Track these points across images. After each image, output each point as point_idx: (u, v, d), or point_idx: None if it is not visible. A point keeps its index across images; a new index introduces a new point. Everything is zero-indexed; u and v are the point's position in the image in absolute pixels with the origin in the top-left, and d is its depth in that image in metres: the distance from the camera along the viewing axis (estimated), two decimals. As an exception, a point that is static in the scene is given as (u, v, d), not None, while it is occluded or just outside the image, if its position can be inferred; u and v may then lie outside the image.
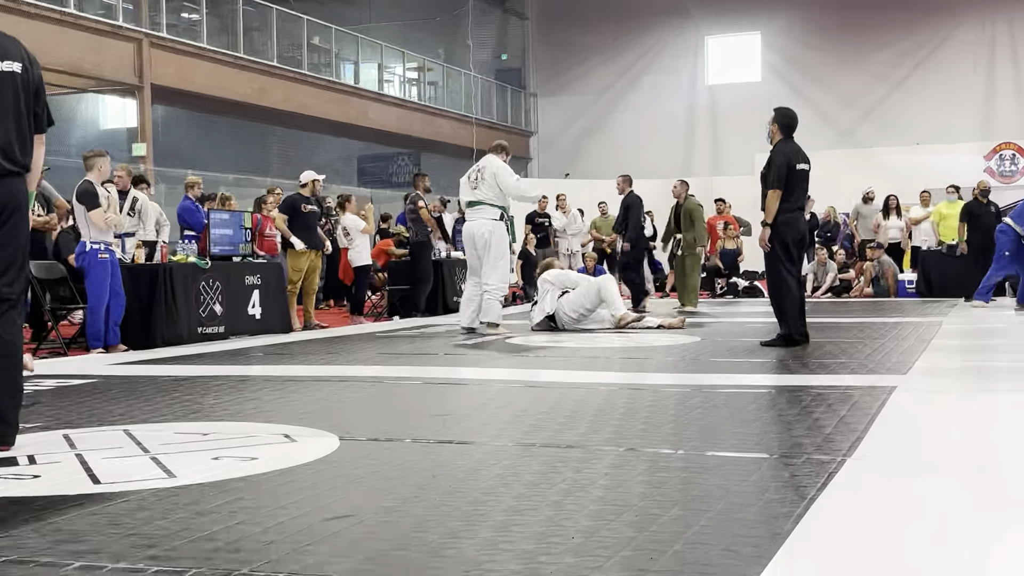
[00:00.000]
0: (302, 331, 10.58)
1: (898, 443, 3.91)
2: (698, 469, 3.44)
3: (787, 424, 4.30)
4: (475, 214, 9.70)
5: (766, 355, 7.13)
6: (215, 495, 3.21)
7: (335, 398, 5.47)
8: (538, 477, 3.36)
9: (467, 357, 7.68)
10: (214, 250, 9.82)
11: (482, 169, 9.74)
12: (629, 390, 5.50)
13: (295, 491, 3.24)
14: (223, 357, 7.89)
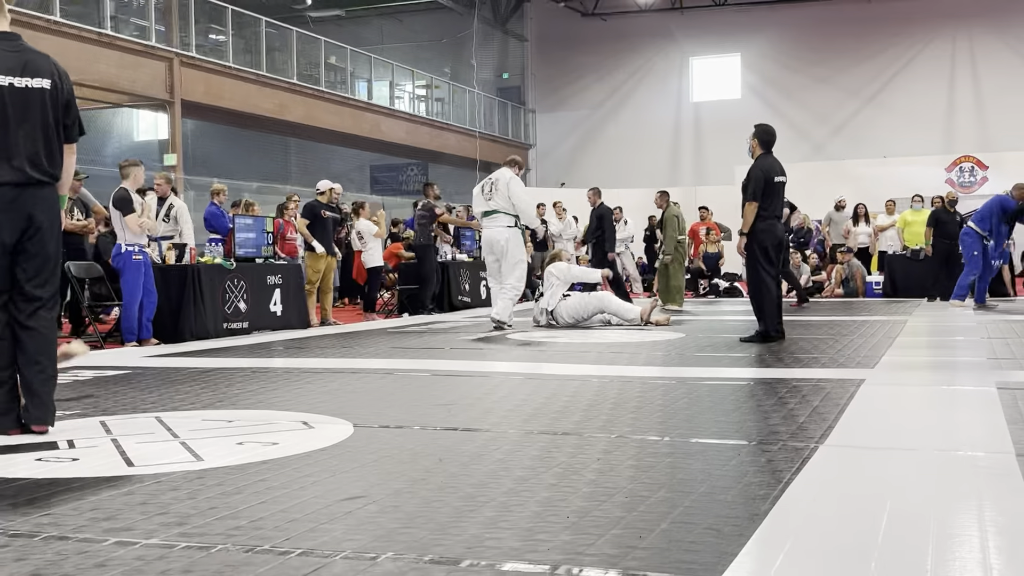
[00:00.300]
0: (319, 327, 10.58)
1: (866, 430, 3.90)
2: (683, 455, 3.44)
3: (764, 413, 4.30)
4: (491, 223, 9.74)
5: (745, 350, 7.14)
6: (239, 477, 3.21)
7: (349, 388, 5.47)
8: (536, 462, 3.36)
9: (471, 351, 7.68)
10: (239, 252, 9.83)
11: (495, 181, 9.80)
12: (620, 382, 5.50)
13: (313, 474, 3.24)
14: (246, 350, 7.90)
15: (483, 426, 4.10)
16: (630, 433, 3.87)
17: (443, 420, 4.28)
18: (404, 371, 6.24)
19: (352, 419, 4.30)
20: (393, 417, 4.39)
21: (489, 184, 9.83)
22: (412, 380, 5.82)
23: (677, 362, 6.53)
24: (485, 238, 9.86)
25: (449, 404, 4.75)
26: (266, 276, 9.90)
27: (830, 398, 4.72)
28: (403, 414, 4.49)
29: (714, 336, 8.50)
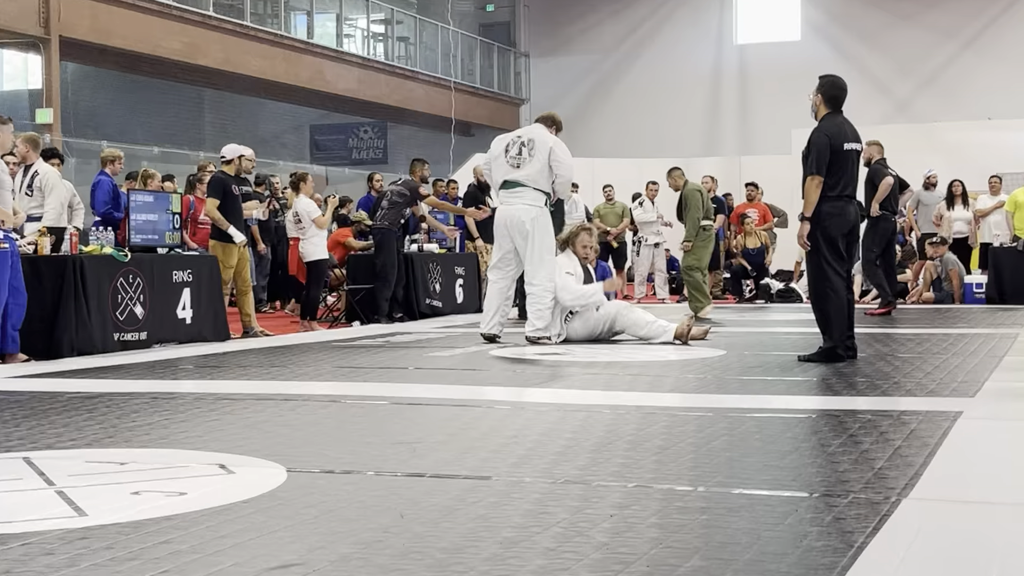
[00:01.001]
0: (241, 339, 10.56)
1: (964, 478, 3.92)
2: (722, 510, 3.45)
3: (830, 456, 4.31)
4: (514, 197, 9.58)
5: (805, 372, 7.16)
6: (134, 538, 3.19)
7: (281, 421, 5.46)
8: (528, 519, 3.36)
9: (443, 372, 7.67)
10: (135, 239, 9.79)
11: (532, 142, 9.58)
12: (639, 414, 5.51)
13: (232, 534, 3.23)
14: (145, 370, 7.87)
15: (459, 471, 4.10)
16: (653, 481, 3.88)
17: (405, 463, 4.27)
18: (354, 398, 6.23)
19: (285, 461, 4.30)
20: (339, 459, 4.39)
21: (518, 144, 9.61)
22: (365, 410, 5.81)
23: (715, 388, 6.54)
24: (502, 217, 9.68)
25: (414, 442, 4.74)
26: (171, 272, 9.88)
27: (916, 436, 4.74)
28: (352, 455, 4.48)
29: (763, 354, 8.52)
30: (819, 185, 7.60)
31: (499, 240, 9.79)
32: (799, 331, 10.51)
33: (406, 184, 12.69)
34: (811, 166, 7.64)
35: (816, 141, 7.66)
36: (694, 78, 27.55)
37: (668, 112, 27.26)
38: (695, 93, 27.44)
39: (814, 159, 7.62)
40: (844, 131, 7.73)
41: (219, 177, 10.83)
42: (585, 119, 28.05)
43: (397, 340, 10.26)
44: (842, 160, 7.67)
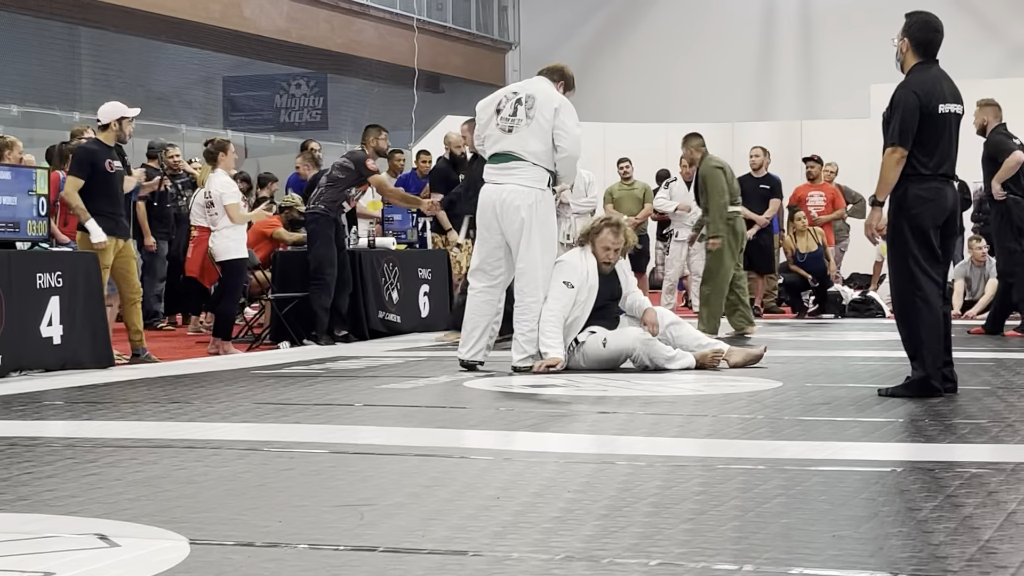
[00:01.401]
0: (130, 364, 10.53)
1: (1101, 556, 3.92)
2: (777, 596, 3.46)
3: (920, 524, 4.32)
4: (504, 175, 9.54)
5: (887, 411, 7.16)
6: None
7: (183, 476, 5.43)
8: (516, 607, 3.36)
9: (403, 411, 7.64)
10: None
11: (532, 99, 9.54)
12: (665, 466, 5.49)
13: (117, 628, 3.22)
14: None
15: (423, 544, 4.09)
16: (683, 558, 3.87)
17: (351, 533, 4.26)
18: (282, 446, 6.21)
19: (188, 530, 4.28)
20: (261, 527, 4.37)
21: (512, 102, 9.56)
22: (296, 462, 5.79)
23: (767, 432, 6.53)
24: (487, 202, 9.61)
25: (362, 504, 4.73)
26: (34, 275, 9.84)
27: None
28: (279, 522, 4.47)
29: (832, 386, 8.52)
30: (901, 159, 7.57)
31: (483, 233, 9.71)
32: (880, 355, 10.51)
33: (351, 156, 12.64)
34: (892, 134, 7.61)
35: (901, 100, 7.64)
36: (740, 14, 27.61)
37: (704, 62, 27.30)
38: (741, 36, 27.49)
39: (896, 125, 7.59)
40: (940, 88, 7.71)
41: (88, 148, 10.74)
42: (593, 71, 28.02)
43: (340, 367, 10.22)
44: (937, 127, 7.65)
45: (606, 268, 9.67)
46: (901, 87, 7.72)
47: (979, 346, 11.45)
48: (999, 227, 12.55)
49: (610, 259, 9.67)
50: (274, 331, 12.91)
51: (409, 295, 14.02)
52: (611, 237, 9.67)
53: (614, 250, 9.67)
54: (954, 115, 7.74)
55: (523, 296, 9.50)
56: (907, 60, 7.80)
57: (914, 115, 7.58)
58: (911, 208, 7.61)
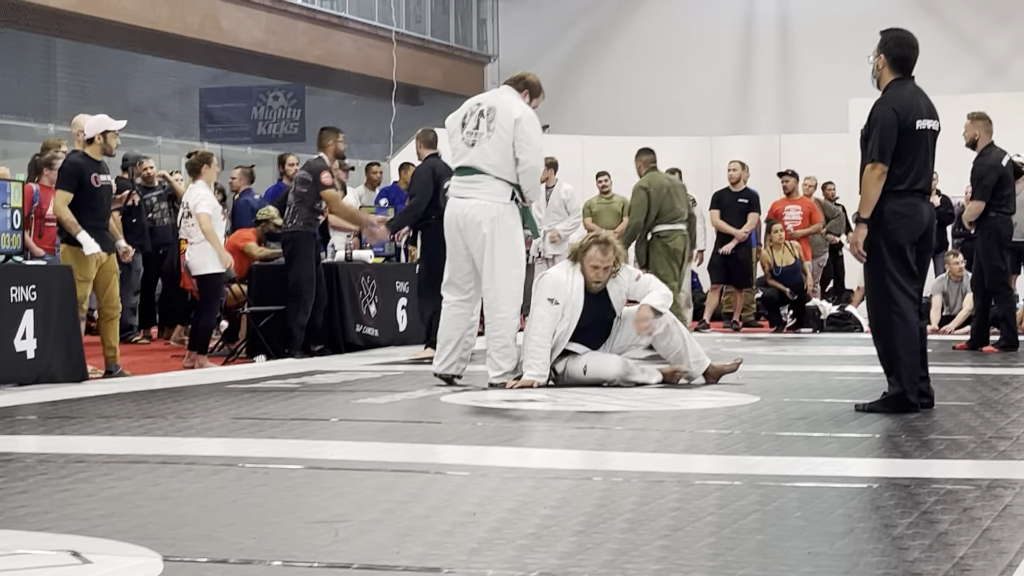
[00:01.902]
0: (103, 379, 10.49)
1: (1075, 573, 3.93)
2: (752, 614, 3.46)
3: (896, 541, 4.33)
4: (468, 189, 9.49)
5: (863, 426, 7.17)
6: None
7: (157, 492, 5.41)
8: (490, 625, 3.36)
9: (378, 426, 7.63)
10: (-40, 243, 9.75)
11: (493, 111, 9.47)
12: (642, 482, 5.49)
13: (88, 646, 3.21)
14: (-27, 421, 7.79)
15: (398, 561, 4.08)
16: (659, 574, 3.87)
17: (325, 549, 4.25)
18: (257, 461, 6.19)
19: (161, 547, 4.26)
20: (235, 544, 4.36)
21: (476, 115, 9.51)
22: (271, 477, 5.78)
23: (744, 448, 6.54)
24: (451, 216, 9.59)
25: (337, 521, 4.72)
26: (8, 288, 9.81)
27: (1012, 514, 4.76)
28: (254, 538, 4.46)
29: (808, 402, 8.53)
30: (882, 176, 7.62)
31: (451, 248, 9.70)
32: (857, 371, 10.53)
33: (309, 167, 12.57)
34: (872, 151, 7.65)
35: (880, 117, 7.69)
36: (719, 29, 27.64)
37: (684, 76, 27.31)
38: (720, 50, 27.52)
39: (876, 141, 7.64)
40: (917, 104, 7.76)
41: (75, 161, 10.75)
42: (572, 83, 28.08)
43: (316, 381, 10.20)
44: (914, 142, 7.69)
45: (595, 287, 9.45)
46: (879, 103, 7.77)
47: (957, 361, 11.48)
48: (985, 244, 12.61)
49: (599, 278, 9.41)
50: (250, 345, 12.89)
51: (387, 309, 14.00)
52: (599, 255, 9.40)
53: (603, 268, 9.41)
54: (931, 131, 7.80)
55: (491, 312, 9.49)
56: (884, 76, 7.85)
57: (893, 131, 7.63)
58: (888, 224, 7.66)
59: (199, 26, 22.20)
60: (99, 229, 10.64)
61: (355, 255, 13.82)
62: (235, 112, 27.25)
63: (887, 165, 7.62)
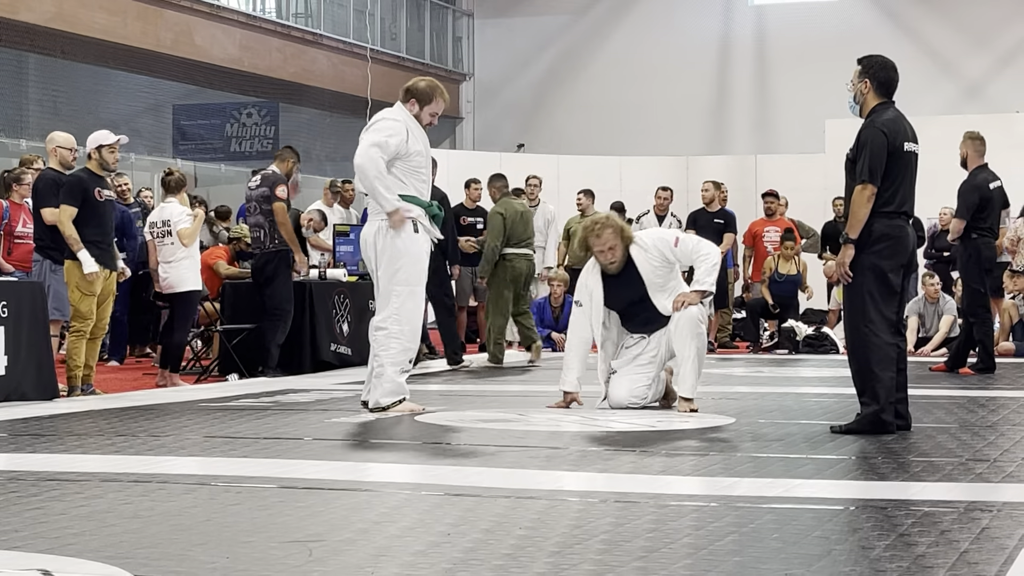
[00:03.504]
0: (78, 397, 10.46)
1: (1053, 596, 3.94)
2: (729, 635, 3.47)
3: (873, 563, 4.34)
4: (371, 208, 9.39)
5: (840, 448, 7.19)
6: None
7: (129, 510, 5.40)
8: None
9: (351, 445, 7.62)
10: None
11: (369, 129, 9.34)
12: (618, 503, 5.50)
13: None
14: (-59, 439, 7.75)
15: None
16: (636, 596, 3.87)
17: (299, 569, 4.24)
18: (230, 480, 6.18)
19: (133, 566, 4.25)
20: (208, 563, 4.35)
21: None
22: (244, 496, 5.77)
23: (719, 470, 6.54)
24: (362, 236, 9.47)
25: (311, 540, 4.72)
26: (-20, 304, 9.80)
27: (989, 536, 4.78)
28: (227, 558, 4.45)
29: (784, 423, 8.55)
30: (871, 197, 7.71)
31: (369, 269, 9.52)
32: (833, 392, 10.54)
33: (266, 181, 12.59)
34: (862, 172, 7.74)
35: (870, 139, 7.77)
36: (695, 49, 27.75)
37: (660, 95, 27.42)
38: (696, 69, 27.62)
39: (866, 163, 7.72)
40: (903, 127, 7.88)
41: (80, 177, 10.72)
42: (547, 103, 28.20)
43: (290, 400, 10.19)
44: (901, 165, 7.81)
45: (612, 268, 9.20)
46: (868, 126, 7.85)
47: (934, 383, 11.52)
48: (966, 266, 12.67)
49: (610, 259, 9.15)
50: (222, 364, 12.87)
51: (360, 328, 13.95)
52: (596, 241, 9.20)
53: (607, 250, 9.15)
54: (915, 155, 7.93)
55: (373, 329, 9.22)
56: (868, 101, 7.94)
57: (883, 153, 7.74)
58: (875, 245, 7.77)
59: (172, 42, 22.18)
60: (102, 245, 10.68)
61: (328, 274, 13.80)
62: (208, 129, 27.21)
63: (877, 186, 7.72)
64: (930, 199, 17.85)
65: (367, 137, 9.05)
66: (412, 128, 9.14)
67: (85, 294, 10.53)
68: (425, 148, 9.25)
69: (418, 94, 9.24)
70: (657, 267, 9.21)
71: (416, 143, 9.13)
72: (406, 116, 9.19)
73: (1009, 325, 15.53)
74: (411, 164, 9.11)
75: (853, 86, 7.99)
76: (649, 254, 9.21)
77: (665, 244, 9.27)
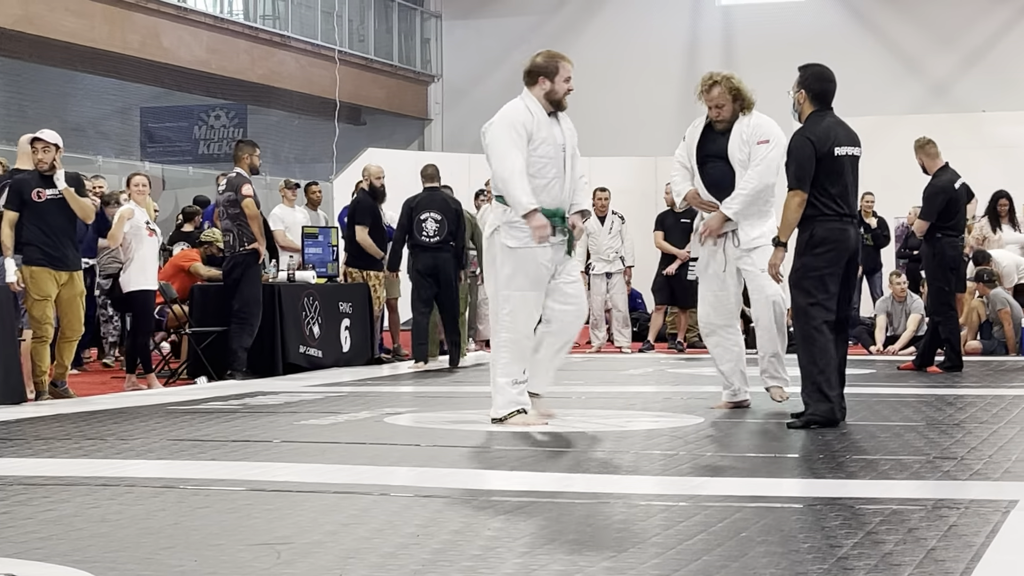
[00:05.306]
0: (46, 401, 10.43)
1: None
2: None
3: (841, 561, 4.35)
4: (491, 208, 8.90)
5: (809, 446, 7.24)
6: None
7: (96, 514, 5.39)
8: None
9: (321, 446, 7.62)
10: None
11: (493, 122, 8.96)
12: (587, 503, 5.51)
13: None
14: (-93, 444, 7.71)
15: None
16: (604, 596, 3.88)
17: (268, 572, 4.24)
18: (198, 483, 6.17)
19: (100, 570, 4.24)
20: (176, 567, 4.34)
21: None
22: (212, 500, 5.76)
23: (688, 469, 6.56)
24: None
25: (280, 543, 4.71)
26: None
27: (957, 534, 4.80)
28: (195, 561, 4.44)
29: (752, 422, 8.61)
30: (802, 203, 8.06)
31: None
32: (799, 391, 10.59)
33: (231, 185, 12.58)
34: (791, 179, 8.13)
35: (796, 147, 8.16)
36: (663, 49, 27.77)
37: (628, 96, 27.43)
38: (664, 70, 27.63)
39: (794, 170, 8.12)
40: (834, 132, 8.23)
41: (17, 179, 10.66)
42: (517, 103, 28.06)
43: (258, 403, 10.17)
44: (836, 169, 8.16)
45: (719, 126, 8.98)
46: (796, 134, 8.26)
47: (902, 381, 11.57)
48: (931, 266, 12.77)
49: (716, 115, 8.98)
50: (191, 366, 12.84)
51: (330, 329, 13.96)
52: (706, 96, 8.99)
53: (714, 107, 8.94)
54: (850, 157, 8.28)
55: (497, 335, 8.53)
56: (804, 110, 8.33)
57: (810, 160, 8.09)
58: (816, 248, 8.11)
59: (140, 45, 22.11)
60: (47, 246, 10.52)
61: (298, 276, 13.77)
62: (176, 131, 27.12)
63: (806, 192, 8.07)
64: (899, 198, 17.98)
65: (497, 140, 8.72)
66: (537, 113, 8.72)
67: (36, 299, 10.46)
68: (555, 141, 8.71)
69: (543, 69, 8.82)
70: (742, 144, 8.93)
71: (542, 131, 8.68)
72: (531, 103, 8.76)
73: (977, 324, 15.60)
74: (535, 155, 8.58)
75: (793, 94, 8.36)
76: (747, 130, 8.93)
77: (757, 136, 8.91)
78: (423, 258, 13.74)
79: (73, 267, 10.76)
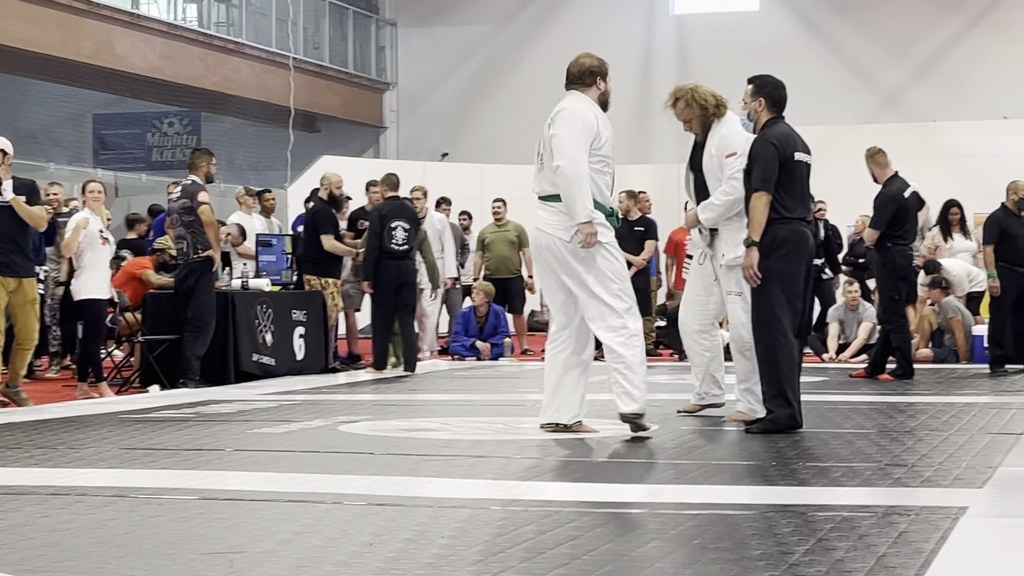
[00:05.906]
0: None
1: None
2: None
3: (792, 568, 4.38)
4: (544, 216, 8.42)
5: (761, 453, 7.26)
6: None
7: (47, 523, 5.36)
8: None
9: (274, 456, 7.59)
10: None
11: (552, 121, 8.65)
12: (541, 510, 5.52)
13: None
14: None
15: (293, 592, 4.06)
16: (557, 604, 3.88)
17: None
18: (150, 492, 6.15)
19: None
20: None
21: (547, 127, 8.66)
22: (164, 508, 5.74)
23: (642, 476, 6.59)
24: (535, 248, 8.59)
25: (231, 552, 4.70)
26: None
27: (907, 540, 4.83)
28: (146, 571, 4.42)
29: (706, 430, 8.63)
30: (767, 204, 8.24)
31: (545, 288, 8.71)
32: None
33: (186, 192, 12.54)
34: (756, 181, 8.29)
35: (761, 151, 8.36)
36: (618, 58, 27.42)
37: (583, 104, 27.46)
38: (620, 79, 27.17)
39: (759, 173, 8.30)
40: (793, 138, 8.48)
41: None
42: (471, 112, 28.17)
43: (211, 411, 10.13)
44: (794, 174, 8.38)
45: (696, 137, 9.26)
46: (759, 139, 8.47)
47: (854, 389, 11.63)
48: (881, 274, 12.88)
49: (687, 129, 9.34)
50: (143, 374, 12.78)
51: (283, 338, 13.91)
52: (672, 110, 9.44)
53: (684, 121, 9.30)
54: (805, 164, 8.51)
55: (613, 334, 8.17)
56: (761, 117, 8.59)
57: (774, 163, 8.32)
58: (779, 249, 8.25)
59: (93, 51, 22.00)
60: (14, 248, 10.47)
61: (251, 283, 13.72)
62: (129, 138, 27.04)
63: (771, 194, 8.26)
64: (848, 206, 18.06)
65: (565, 138, 8.38)
66: (599, 115, 8.63)
67: None
68: (612, 141, 8.62)
69: (600, 71, 8.83)
70: (711, 157, 8.96)
71: (606, 130, 8.57)
72: (591, 104, 8.70)
73: (928, 332, 15.69)
74: (599, 154, 8.44)
75: (747, 104, 8.62)
76: (717, 143, 8.92)
77: (725, 149, 8.86)
78: (389, 266, 13.76)
79: (22, 274, 10.67)
